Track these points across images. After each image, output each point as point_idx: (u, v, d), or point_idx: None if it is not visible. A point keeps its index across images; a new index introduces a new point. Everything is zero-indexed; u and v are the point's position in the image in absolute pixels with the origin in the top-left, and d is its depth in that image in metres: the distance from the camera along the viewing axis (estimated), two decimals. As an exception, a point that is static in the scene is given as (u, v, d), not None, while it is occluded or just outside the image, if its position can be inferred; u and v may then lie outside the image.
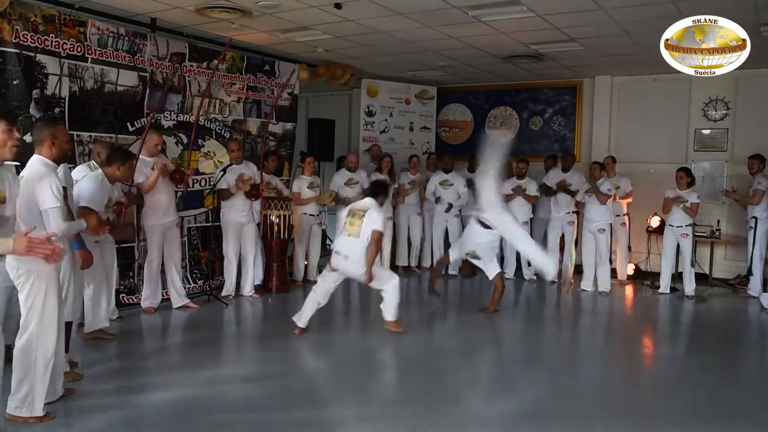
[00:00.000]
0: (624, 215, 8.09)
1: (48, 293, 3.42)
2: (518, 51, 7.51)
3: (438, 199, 8.34)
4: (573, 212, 7.96)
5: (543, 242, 8.34)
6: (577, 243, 8.06)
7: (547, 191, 8.07)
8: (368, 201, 5.38)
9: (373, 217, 5.20)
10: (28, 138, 4.17)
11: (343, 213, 5.51)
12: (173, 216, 6.09)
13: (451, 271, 8.43)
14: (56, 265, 3.51)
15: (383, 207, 5.50)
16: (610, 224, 7.53)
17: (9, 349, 3.39)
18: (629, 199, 8.08)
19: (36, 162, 3.50)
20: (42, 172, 3.43)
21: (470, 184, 8.49)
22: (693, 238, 7.39)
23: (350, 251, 5.18)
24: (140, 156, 5.62)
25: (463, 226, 8.71)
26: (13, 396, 3.43)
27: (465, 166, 8.76)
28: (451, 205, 8.29)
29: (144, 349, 5.17)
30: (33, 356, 3.41)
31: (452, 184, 8.27)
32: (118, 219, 5.06)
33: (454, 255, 6.56)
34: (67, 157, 3.75)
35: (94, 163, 5.00)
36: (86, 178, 4.68)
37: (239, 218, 6.66)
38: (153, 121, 6.03)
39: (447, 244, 8.52)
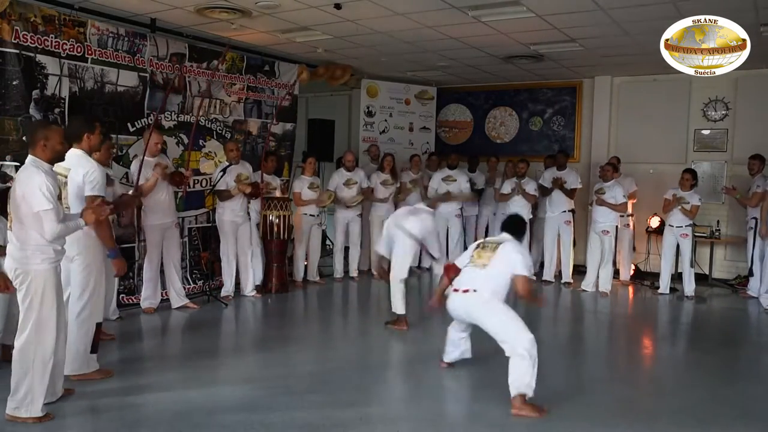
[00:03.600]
0: (628, 216, 8.01)
1: (45, 294, 3.41)
2: (518, 51, 7.50)
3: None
4: (569, 211, 7.94)
5: (541, 242, 8.36)
6: (575, 243, 8.03)
7: (543, 191, 8.06)
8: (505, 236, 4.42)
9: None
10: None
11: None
12: (173, 216, 6.09)
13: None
14: (55, 266, 3.50)
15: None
16: (616, 226, 7.50)
17: (8, 348, 3.39)
18: (633, 200, 8.05)
19: (28, 163, 3.46)
20: (33, 174, 3.37)
21: (472, 182, 8.53)
22: (693, 238, 7.38)
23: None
24: (144, 157, 5.58)
25: (465, 227, 8.77)
26: (12, 396, 3.43)
27: (465, 166, 8.76)
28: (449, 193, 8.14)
29: (144, 349, 5.17)
30: (31, 357, 3.40)
31: (455, 180, 8.25)
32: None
33: None
34: (61, 158, 3.64)
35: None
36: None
37: (235, 218, 6.63)
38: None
39: (447, 245, 8.52)
